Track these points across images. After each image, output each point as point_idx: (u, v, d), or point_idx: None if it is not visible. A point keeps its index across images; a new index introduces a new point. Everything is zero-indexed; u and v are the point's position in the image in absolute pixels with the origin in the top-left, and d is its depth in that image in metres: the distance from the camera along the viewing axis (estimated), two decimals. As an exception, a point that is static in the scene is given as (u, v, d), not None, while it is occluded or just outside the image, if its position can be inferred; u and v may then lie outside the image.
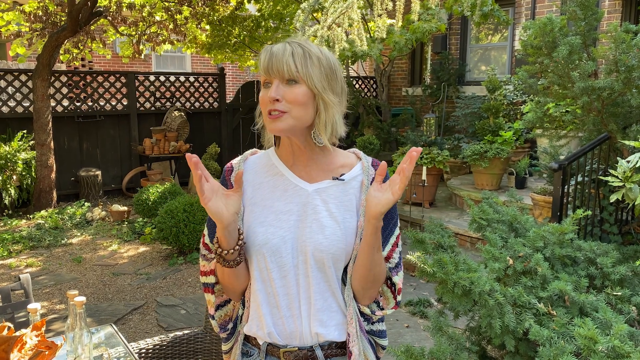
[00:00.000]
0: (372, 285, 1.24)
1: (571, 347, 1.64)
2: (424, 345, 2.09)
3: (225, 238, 1.17)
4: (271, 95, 1.15)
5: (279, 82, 1.16)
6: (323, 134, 1.20)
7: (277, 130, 1.18)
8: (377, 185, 1.16)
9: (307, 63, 1.17)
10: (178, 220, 4.81)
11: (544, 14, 7.14)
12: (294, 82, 1.16)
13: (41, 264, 4.95)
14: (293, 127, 1.18)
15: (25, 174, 6.54)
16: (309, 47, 1.20)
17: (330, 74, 1.20)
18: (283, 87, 1.16)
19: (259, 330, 1.27)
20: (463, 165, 7.18)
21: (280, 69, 1.15)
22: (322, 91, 1.18)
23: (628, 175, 2.35)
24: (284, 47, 1.17)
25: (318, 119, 1.20)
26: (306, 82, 1.16)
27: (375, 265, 1.21)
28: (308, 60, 1.17)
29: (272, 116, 1.17)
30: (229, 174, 1.32)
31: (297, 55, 1.16)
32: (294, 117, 1.17)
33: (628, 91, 3.09)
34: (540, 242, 2.15)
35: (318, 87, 1.17)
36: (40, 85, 6.48)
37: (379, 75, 8.70)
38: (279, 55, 1.15)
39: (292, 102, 1.16)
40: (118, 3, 7.16)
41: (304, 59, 1.16)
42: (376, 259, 1.21)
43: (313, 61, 1.18)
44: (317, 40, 4.05)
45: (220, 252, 1.18)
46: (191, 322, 3.76)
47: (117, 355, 1.69)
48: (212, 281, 1.28)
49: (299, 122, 1.18)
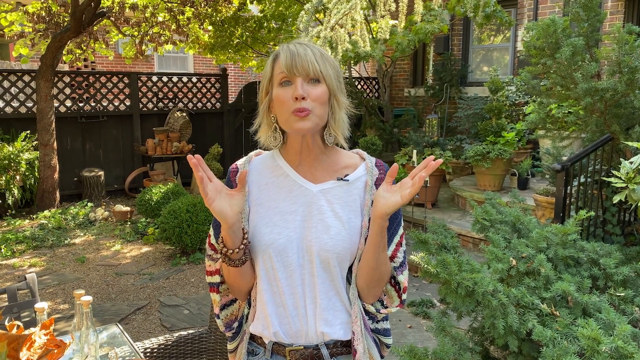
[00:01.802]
0: (377, 283, 1.26)
1: (574, 347, 1.64)
2: (427, 346, 2.09)
3: (230, 237, 1.18)
4: (299, 92, 1.16)
5: (303, 80, 1.18)
6: (338, 132, 1.24)
7: (304, 129, 1.18)
8: (387, 186, 1.17)
9: (326, 63, 1.20)
10: (181, 221, 4.83)
11: (546, 15, 7.14)
12: (317, 81, 1.18)
13: (44, 264, 4.96)
14: (317, 125, 1.20)
15: (29, 174, 6.56)
16: (320, 49, 1.23)
17: (339, 76, 1.24)
18: (306, 86, 1.18)
19: (265, 330, 1.28)
20: (465, 166, 7.18)
21: (306, 67, 1.16)
22: (337, 91, 1.22)
23: (631, 177, 2.36)
24: (302, 47, 1.19)
25: (332, 119, 1.23)
26: (326, 82, 1.19)
27: (380, 264, 1.23)
28: (326, 61, 1.20)
29: (301, 114, 1.16)
30: (234, 175, 1.32)
31: (317, 55, 1.19)
32: (318, 115, 1.19)
33: (631, 92, 3.10)
34: (544, 243, 2.16)
35: (334, 87, 1.21)
36: (44, 85, 6.50)
37: (381, 76, 8.71)
38: (302, 55, 1.17)
39: (316, 100, 1.18)
40: (121, 4, 7.18)
41: (322, 59, 1.20)
42: (382, 257, 1.22)
43: (329, 63, 1.21)
44: (320, 41, 4.06)
45: (225, 251, 1.20)
46: (194, 322, 3.77)
47: (123, 354, 1.70)
48: (218, 280, 1.29)
49: (321, 121, 1.21)
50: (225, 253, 1.20)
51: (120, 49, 8.84)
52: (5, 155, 6.27)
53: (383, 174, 1.30)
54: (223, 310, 1.34)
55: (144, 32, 7.73)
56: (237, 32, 8.43)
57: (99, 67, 11.60)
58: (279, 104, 1.19)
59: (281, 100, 1.18)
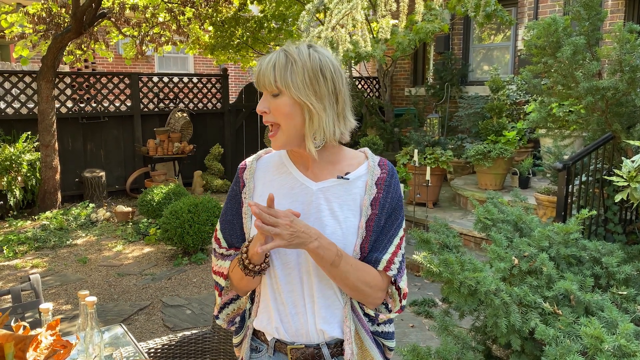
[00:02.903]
0: (356, 294, 1.24)
1: (577, 346, 1.65)
2: (430, 345, 2.10)
3: (258, 257, 1.20)
4: (258, 107, 1.21)
5: (267, 94, 1.20)
6: (309, 141, 1.20)
7: (277, 147, 1.24)
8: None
9: (287, 72, 1.16)
10: (183, 221, 4.83)
11: (546, 14, 7.15)
12: (277, 93, 1.19)
13: (46, 264, 4.97)
14: (287, 141, 1.21)
15: (30, 175, 6.57)
16: (295, 52, 1.19)
17: (314, 77, 1.18)
18: (270, 99, 1.20)
19: (268, 325, 1.29)
20: (466, 165, 7.18)
21: (262, 82, 1.19)
22: (305, 99, 1.17)
23: (633, 175, 2.36)
24: (271, 57, 1.19)
25: (310, 125, 1.20)
26: (290, 92, 1.17)
27: (340, 279, 1.21)
28: (289, 69, 1.16)
29: (270, 135, 1.22)
30: (242, 172, 1.34)
31: (279, 65, 1.17)
32: (284, 130, 1.20)
33: (632, 91, 3.10)
34: (546, 242, 2.16)
35: (301, 96, 1.17)
36: (45, 86, 6.51)
37: (381, 76, 8.71)
38: (263, 68, 1.18)
39: (277, 113, 1.19)
40: (121, 4, 7.19)
41: (284, 68, 1.16)
42: (337, 274, 1.20)
43: (295, 69, 1.17)
44: (321, 41, 4.07)
45: (247, 263, 1.21)
46: (197, 322, 3.77)
47: (127, 354, 1.71)
48: (223, 284, 1.32)
49: (291, 135, 1.20)
50: (247, 265, 1.21)
51: (121, 50, 8.85)
52: (6, 157, 6.28)
53: (385, 174, 1.29)
54: (224, 309, 1.37)
55: (144, 33, 7.74)
56: (238, 33, 8.44)
57: (99, 67, 11.60)
58: None
59: None
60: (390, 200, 1.27)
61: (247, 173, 1.33)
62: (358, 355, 1.27)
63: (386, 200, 1.26)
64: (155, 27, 7.76)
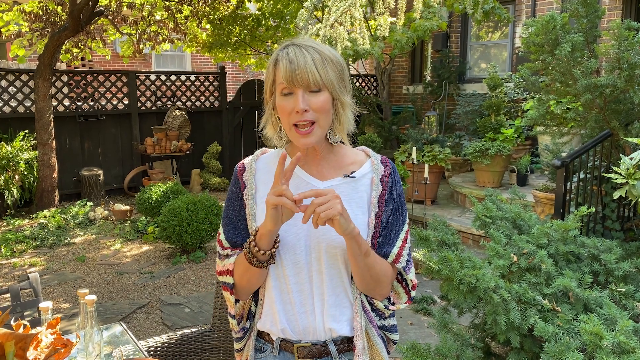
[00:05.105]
0: (375, 285, 1.25)
1: (576, 343, 1.65)
2: (429, 342, 2.10)
3: (268, 239, 1.17)
4: (300, 106, 1.14)
5: (303, 91, 1.16)
6: (343, 134, 1.23)
7: (309, 144, 1.19)
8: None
9: (327, 69, 1.16)
10: (181, 219, 4.83)
11: (544, 12, 7.15)
12: (318, 90, 1.16)
13: (45, 263, 4.96)
14: (321, 137, 1.21)
15: (28, 173, 6.55)
16: (321, 49, 1.19)
17: (342, 74, 1.21)
18: (307, 96, 1.16)
19: (273, 326, 1.29)
20: (464, 162, 7.20)
21: (305, 79, 1.14)
22: (340, 94, 1.19)
23: (631, 172, 2.36)
24: (302, 53, 1.15)
25: (337, 121, 1.22)
26: (328, 89, 1.17)
27: (367, 270, 1.21)
28: (327, 66, 1.17)
29: (302, 132, 1.17)
30: (241, 174, 1.33)
31: (318, 62, 1.15)
32: (321, 126, 1.19)
33: (630, 88, 3.10)
34: (544, 239, 2.17)
35: (338, 91, 1.19)
36: (42, 85, 6.49)
37: (379, 74, 8.71)
38: (301, 65, 1.14)
39: (319, 110, 1.16)
40: (118, 2, 7.16)
41: (324, 65, 1.16)
42: (367, 263, 1.20)
43: (330, 65, 1.18)
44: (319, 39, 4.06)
45: (256, 251, 1.18)
46: (196, 320, 3.77)
47: (127, 353, 1.71)
48: (231, 282, 1.29)
49: (325, 131, 1.21)
50: (255, 254, 1.19)
51: (118, 48, 8.83)
52: (3, 155, 6.26)
53: (388, 171, 1.30)
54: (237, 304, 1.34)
55: (141, 31, 7.72)
56: (235, 31, 8.42)
57: (97, 66, 11.57)
58: (282, 113, 1.19)
59: (283, 111, 1.18)
60: (395, 196, 1.29)
61: (247, 174, 1.31)
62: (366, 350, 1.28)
63: (391, 196, 1.28)
64: (153, 25, 7.74)
